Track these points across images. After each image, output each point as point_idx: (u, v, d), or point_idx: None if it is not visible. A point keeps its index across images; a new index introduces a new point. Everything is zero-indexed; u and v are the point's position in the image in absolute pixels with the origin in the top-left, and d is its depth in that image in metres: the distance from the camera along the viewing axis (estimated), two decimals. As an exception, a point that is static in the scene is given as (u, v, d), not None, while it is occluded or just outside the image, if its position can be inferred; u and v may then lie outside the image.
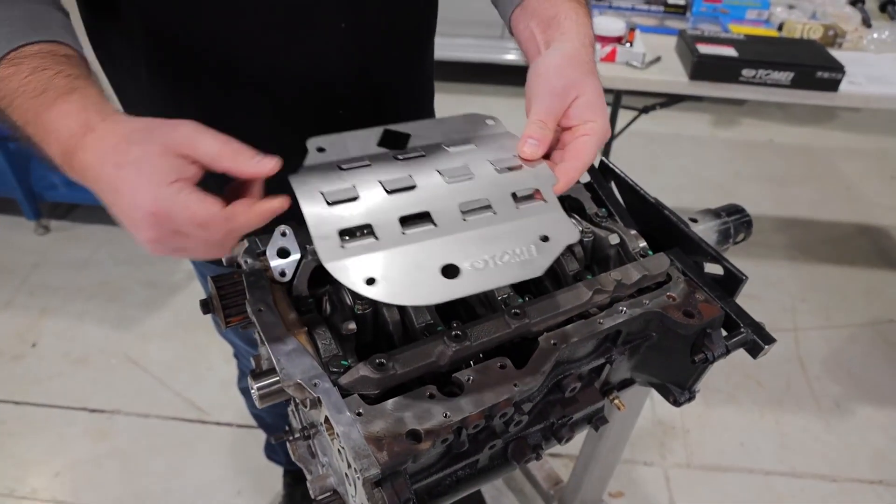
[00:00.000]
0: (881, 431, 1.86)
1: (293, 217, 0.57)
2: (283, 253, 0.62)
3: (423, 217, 0.57)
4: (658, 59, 1.78)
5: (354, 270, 0.52)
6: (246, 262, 0.64)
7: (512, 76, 3.41)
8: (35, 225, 2.47)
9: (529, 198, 0.61)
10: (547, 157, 0.63)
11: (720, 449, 1.80)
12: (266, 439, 1.52)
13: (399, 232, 0.55)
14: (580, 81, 0.62)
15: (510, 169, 0.62)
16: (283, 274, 0.62)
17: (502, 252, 0.56)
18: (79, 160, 0.52)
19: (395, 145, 0.64)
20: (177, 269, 2.34)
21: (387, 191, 0.58)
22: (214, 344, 2.03)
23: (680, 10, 2.06)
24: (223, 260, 0.65)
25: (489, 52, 2.72)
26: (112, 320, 2.12)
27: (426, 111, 0.99)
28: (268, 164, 0.53)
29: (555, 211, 0.60)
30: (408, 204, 0.58)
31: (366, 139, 0.63)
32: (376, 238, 0.55)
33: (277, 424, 1.34)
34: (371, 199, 0.57)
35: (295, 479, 1.56)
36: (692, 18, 2.04)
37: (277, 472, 1.63)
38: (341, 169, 0.59)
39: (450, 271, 0.54)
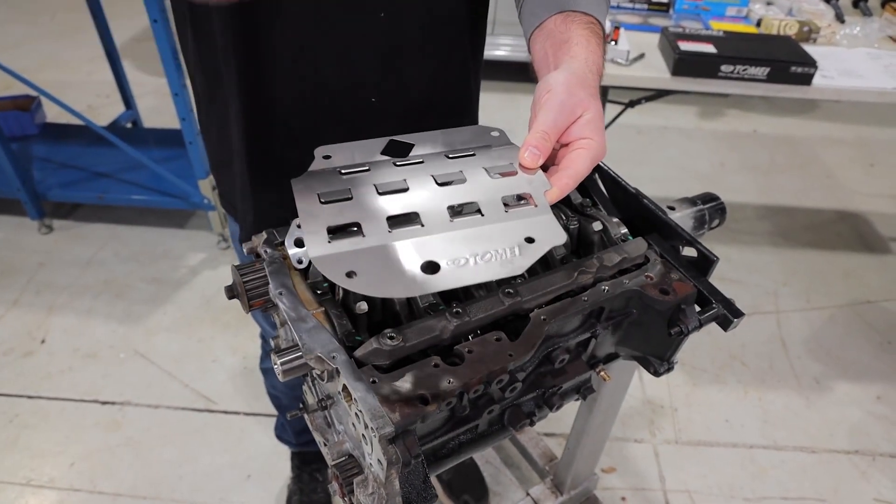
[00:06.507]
0: (857, 406, 1.94)
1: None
2: (300, 242, 0.67)
3: (411, 217, 0.61)
4: (642, 56, 1.82)
5: (336, 264, 0.56)
6: (266, 251, 0.71)
7: (502, 72, 3.48)
8: (39, 224, 2.51)
9: (521, 202, 0.63)
10: (543, 169, 0.66)
11: (707, 425, 1.87)
12: (277, 420, 1.57)
13: (386, 230, 0.59)
14: (586, 101, 0.64)
15: (504, 175, 0.65)
16: (300, 261, 0.68)
17: (485, 251, 0.58)
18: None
19: (399, 154, 0.68)
20: (179, 265, 2.39)
21: (379, 192, 0.62)
22: (219, 337, 2.10)
23: (663, 8, 2.10)
24: (244, 250, 0.73)
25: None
26: (119, 316, 2.17)
27: (464, 112, 0.99)
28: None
29: (544, 214, 0.62)
30: (398, 205, 0.61)
31: (371, 148, 0.67)
32: (363, 235, 0.59)
33: (292, 406, 1.39)
34: (363, 199, 0.61)
35: (302, 461, 1.61)
36: (675, 16, 2.07)
37: (285, 456, 1.69)
38: (341, 174, 0.64)
39: (430, 268, 0.57)
